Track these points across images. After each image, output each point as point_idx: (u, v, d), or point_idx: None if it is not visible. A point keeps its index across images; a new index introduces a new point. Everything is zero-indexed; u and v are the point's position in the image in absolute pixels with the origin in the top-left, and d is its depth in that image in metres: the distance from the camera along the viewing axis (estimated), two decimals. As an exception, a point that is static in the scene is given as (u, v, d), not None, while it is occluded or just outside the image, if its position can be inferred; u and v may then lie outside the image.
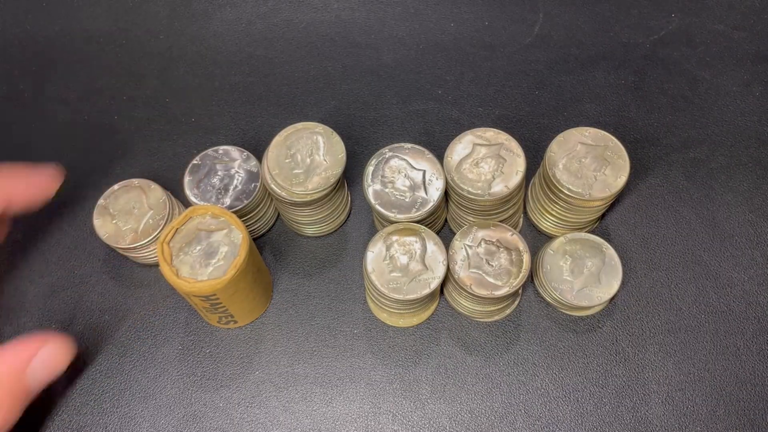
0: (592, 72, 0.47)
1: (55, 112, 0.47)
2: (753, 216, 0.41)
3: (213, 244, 0.33)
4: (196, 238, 0.33)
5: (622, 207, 0.42)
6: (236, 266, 0.32)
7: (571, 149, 0.37)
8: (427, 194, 0.35)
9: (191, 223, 0.33)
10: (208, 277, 0.32)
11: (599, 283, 0.37)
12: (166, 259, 0.32)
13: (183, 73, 0.48)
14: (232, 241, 0.32)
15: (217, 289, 0.32)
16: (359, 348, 0.38)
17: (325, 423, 0.36)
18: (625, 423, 0.36)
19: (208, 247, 0.32)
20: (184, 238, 0.32)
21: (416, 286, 0.34)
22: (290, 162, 0.36)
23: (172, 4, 0.51)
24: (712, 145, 0.44)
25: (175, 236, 0.32)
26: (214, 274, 0.32)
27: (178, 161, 0.44)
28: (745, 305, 0.39)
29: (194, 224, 0.33)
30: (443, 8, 0.50)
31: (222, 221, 0.33)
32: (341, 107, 0.46)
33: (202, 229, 0.33)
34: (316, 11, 0.50)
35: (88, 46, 0.49)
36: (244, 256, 0.32)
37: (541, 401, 0.36)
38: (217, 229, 0.33)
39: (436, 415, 0.36)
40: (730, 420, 0.36)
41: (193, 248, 0.32)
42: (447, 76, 0.47)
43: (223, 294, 0.32)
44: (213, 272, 0.32)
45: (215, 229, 0.33)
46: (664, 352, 0.37)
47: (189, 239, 0.32)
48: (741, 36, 0.48)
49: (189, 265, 0.32)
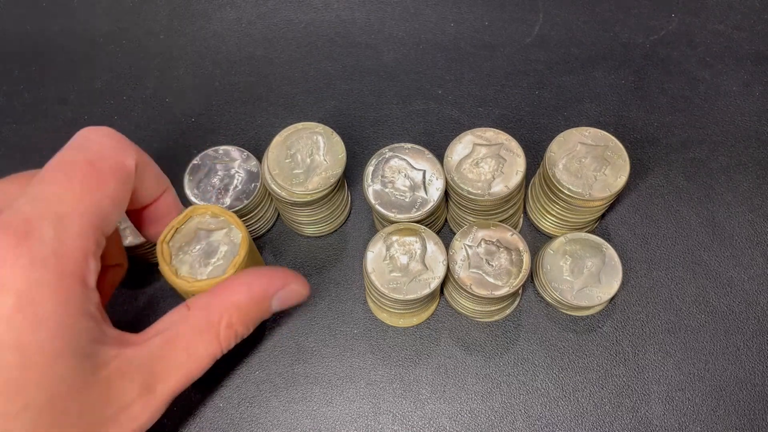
0: (592, 72, 0.47)
1: (55, 112, 0.47)
2: (753, 216, 0.41)
3: (213, 243, 0.32)
4: (196, 238, 0.33)
5: (622, 207, 0.42)
6: (236, 265, 0.32)
7: (571, 149, 0.37)
8: (427, 194, 0.35)
9: (191, 223, 0.33)
10: (207, 276, 0.32)
11: (599, 283, 0.37)
12: (165, 258, 0.32)
13: (183, 73, 0.48)
14: (232, 240, 0.32)
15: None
16: (359, 348, 0.38)
17: (325, 423, 0.36)
18: (625, 423, 0.36)
19: (207, 247, 0.32)
20: (184, 238, 0.32)
21: (416, 286, 0.34)
22: (290, 162, 0.36)
23: (172, 4, 0.51)
24: (712, 145, 0.44)
25: (174, 236, 0.32)
26: (213, 273, 0.32)
27: (178, 161, 0.44)
28: (745, 305, 0.39)
29: (194, 224, 0.33)
30: (443, 8, 0.50)
31: (222, 221, 0.33)
32: (341, 107, 0.46)
33: (202, 228, 0.33)
34: (316, 11, 0.50)
35: (88, 46, 0.49)
36: (243, 255, 0.32)
37: (541, 401, 0.36)
38: (216, 229, 0.33)
39: (436, 415, 0.36)
40: (730, 420, 0.36)
41: (193, 247, 0.32)
42: (447, 76, 0.47)
43: None
44: (212, 271, 0.32)
45: (215, 229, 0.33)
46: (664, 352, 0.37)
47: (189, 239, 0.32)
48: (741, 36, 0.48)
49: (188, 265, 0.32)
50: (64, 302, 0.24)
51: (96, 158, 0.27)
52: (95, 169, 0.27)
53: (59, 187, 0.26)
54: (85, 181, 0.27)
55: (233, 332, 0.30)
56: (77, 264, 0.25)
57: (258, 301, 0.31)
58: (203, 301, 0.30)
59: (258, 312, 0.31)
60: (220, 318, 0.30)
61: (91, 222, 0.26)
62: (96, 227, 0.26)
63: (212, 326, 0.29)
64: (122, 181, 0.28)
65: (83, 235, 0.26)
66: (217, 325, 0.30)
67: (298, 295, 0.33)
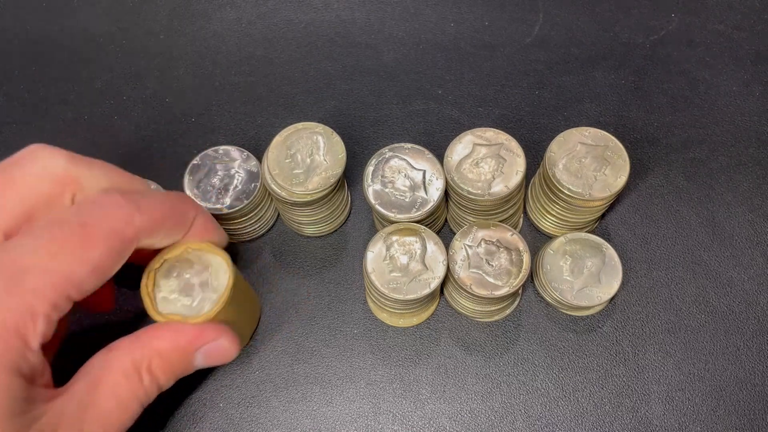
0: (592, 72, 0.47)
1: (55, 112, 0.47)
2: (753, 216, 0.41)
3: (196, 277, 0.32)
4: (183, 267, 0.32)
5: (622, 207, 0.42)
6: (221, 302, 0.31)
7: (571, 149, 0.37)
8: (427, 194, 0.35)
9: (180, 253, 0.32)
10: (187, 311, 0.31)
11: (599, 283, 0.37)
12: (153, 306, 0.31)
13: (183, 73, 0.48)
14: (215, 276, 0.32)
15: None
16: (359, 348, 0.38)
17: (325, 423, 0.36)
18: (625, 423, 0.36)
19: (191, 279, 0.31)
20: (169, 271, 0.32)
21: (416, 286, 0.34)
22: (290, 162, 0.36)
23: (172, 4, 0.51)
24: (712, 145, 0.44)
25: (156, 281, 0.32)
26: (199, 307, 0.31)
27: (178, 161, 0.44)
28: (745, 305, 0.39)
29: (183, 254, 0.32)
30: (443, 8, 0.50)
31: (207, 256, 0.32)
32: (341, 107, 0.46)
33: (189, 259, 0.32)
34: (316, 11, 0.50)
35: (88, 46, 0.49)
36: (226, 297, 0.31)
37: (541, 401, 0.36)
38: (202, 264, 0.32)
39: (436, 415, 0.36)
40: (730, 420, 0.36)
41: (179, 276, 0.31)
42: (447, 76, 0.47)
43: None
44: (198, 304, 0.31)
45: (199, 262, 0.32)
46: (664, 352, 0.37)
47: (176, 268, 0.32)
48: (741, 36, 0.48)
49: (171, 295, 0.31)
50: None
51: (91, 221, 0.27)
52: (84, 232, 0.26)
53: (38, 241, 0.26)
54: (66, 243, 0.26)
55: (155, 379, 0.29)
56: (21, 320, 0.24)
57: (181, 350, 0.30)
58: (125, 342, 0.29)
59: (180, 363, 0.30)
60: (142, 362, 0.29)
61: (53, 284, 0.25)
62: (59, 290, 0.25)
63: (135, 368, 0.28)
64: (114, 250, 0.27)
65: (39, 294, 0.25)
66: (140, 368, 0.28)
67: (225, 352, 0.32)
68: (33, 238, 0.26)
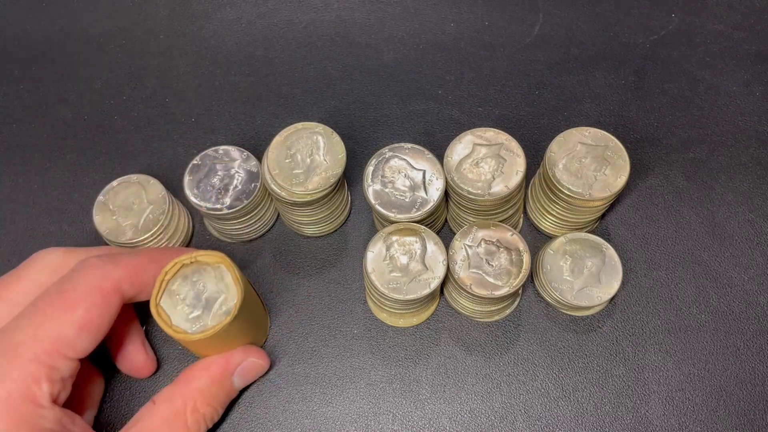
0: (592, 72, 0.47)
1: (55, 112, 0.47)
2: (753, 216, 0.41)
3: (205, 288, 0.32)
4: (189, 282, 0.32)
5: (622, 207, 0.42)
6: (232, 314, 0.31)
7: (571, 149, 0.37)
8: (427, 194, 0.35)
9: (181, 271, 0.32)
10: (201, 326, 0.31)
11: (599, 283, 0.37)
12: (164, 320, 0.31)
13: (183, 73, 0.48)
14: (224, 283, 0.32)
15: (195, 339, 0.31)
16: (359, 348, 0.38)
17: (325, 423, 0.36)
18: (625, 423, 0.36)
19: (200, 292, 0.32)
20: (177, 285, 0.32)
21: (416, 286, 0.34)
22: (290, 162, 0.36)
23: (172, 4, 0.51)
24: (712, 145, 0.44)
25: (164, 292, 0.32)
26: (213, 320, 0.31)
27: (178, 161, 0.44)
28: (745, 305, 0.39)
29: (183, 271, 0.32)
30: (443, 8, 0.50)
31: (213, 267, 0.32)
32: (341, 107, 0.46)
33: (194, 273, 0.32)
34: (316, 11, 0.50)
35: (88, 46, 0.49)
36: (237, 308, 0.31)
37: (541, 401, 0.36)
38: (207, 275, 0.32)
39: (436, 415, 0.36)
40: (730, 420, 0.36)
41: (186, 292, 0.32)
42: (447, 76, 0.47)
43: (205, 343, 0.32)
44: (213, 317, 0.31)
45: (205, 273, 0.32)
46: (664, 352, 0.37)
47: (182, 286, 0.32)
48: (741, 36, 0.48)
49: (183, 312, 0.31)
50: (15, 424, 0.26)
51: (69, 287, 0.29)
52: (65, 297, 0.29)
53: (27, 317, 0.28)
54: (49, 311, 0.28)
55: (201, 416, 0.32)
56: (25, 387, 0.27)
57: (218, 381, 0.33)
58: (167, 393, 0.32)
59: (222, 392, 0.33)
60: (184, 405, 0.31)
61: (45, 349, 0.27)
62: (53, 353, 0.28)
63: (178, 415, 0.31)
64: (96, 305, 0.29)
65: (35, 361, 0.27)
66: (183, 413, 0.31)
67: (258, 367, 0.35)
68: (22, 316, 0.29)
